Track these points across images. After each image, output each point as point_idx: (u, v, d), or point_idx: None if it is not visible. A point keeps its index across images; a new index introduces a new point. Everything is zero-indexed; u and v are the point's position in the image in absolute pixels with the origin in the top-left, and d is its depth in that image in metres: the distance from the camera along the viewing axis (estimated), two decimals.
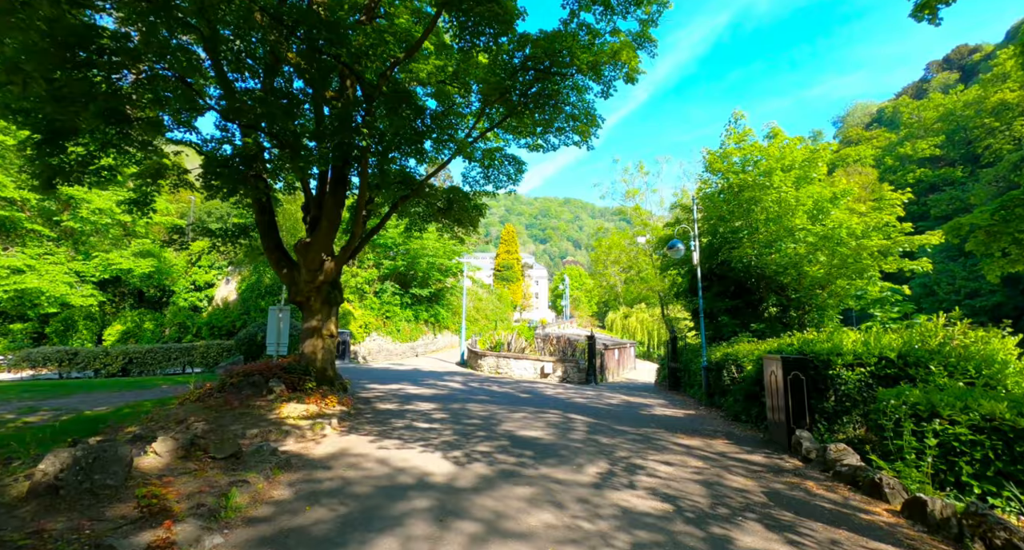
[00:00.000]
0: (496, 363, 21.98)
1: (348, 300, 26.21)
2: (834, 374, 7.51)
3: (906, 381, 6.87)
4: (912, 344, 7.16)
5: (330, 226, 9.64)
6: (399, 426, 7.87)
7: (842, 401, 7.42)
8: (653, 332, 53.92)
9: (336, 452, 6.12)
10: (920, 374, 6.76)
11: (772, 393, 7.42)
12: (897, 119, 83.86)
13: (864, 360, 7.35)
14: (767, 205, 15.42)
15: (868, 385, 7.25)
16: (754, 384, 9.43)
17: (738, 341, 12.88)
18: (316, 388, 9.33)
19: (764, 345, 9.69)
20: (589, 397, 13.58)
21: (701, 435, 8.00)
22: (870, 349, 7.43)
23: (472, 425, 8.14)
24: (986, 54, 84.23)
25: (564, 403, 11.79)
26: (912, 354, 6.94)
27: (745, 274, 16.12)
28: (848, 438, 7.29)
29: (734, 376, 10.64)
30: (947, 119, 65.16)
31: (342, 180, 9.62)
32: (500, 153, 14.37)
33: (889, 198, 15.14)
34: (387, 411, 9.39)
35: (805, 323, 15.99)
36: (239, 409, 7.64)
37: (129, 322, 23.30)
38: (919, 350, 6.95)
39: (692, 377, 16.00)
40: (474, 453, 6.21)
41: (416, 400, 11.22)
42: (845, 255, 14.31)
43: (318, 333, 9.98)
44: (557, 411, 10.15)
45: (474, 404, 10.85)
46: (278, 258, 9.97)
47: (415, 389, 13.70)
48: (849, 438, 7.30)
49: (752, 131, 17.42)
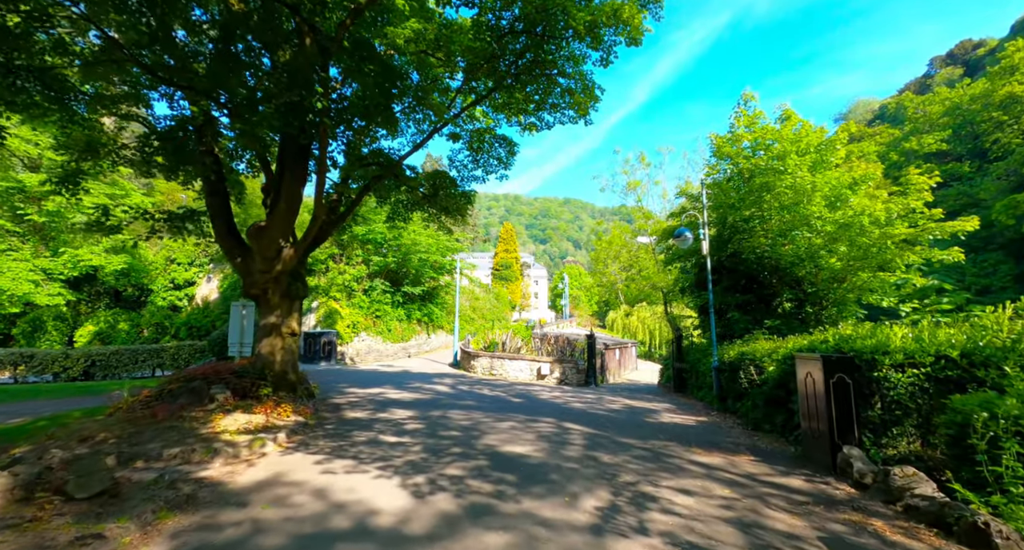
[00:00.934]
0: (490, 364, 20.70)
1: (335, 298, 24.95)
2: (880, 376, 6.24)
3: (973, 385, 5.61)
4: (977, 340, 5.90)
5: (288, 208, 8.36)
6: (360, 440, 6.59)
7: (891, 409, 6.15)
8: (655, 331, 52.60)
9: (267, 479, 4.84)
10: (991, 376, 5.47)
11: (808, 399, 6.15)
12: (900, 115, 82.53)
13: (918, 360, 6.08)
14: (781, 191, 14.16)
15: (923, 390, 5.98)
16: (777, 387, 8.16)
17: (753, 339, 11.61)
18: (272, 395, 8.06)
19: (790, 343, 8.41)
20: (588, 401, 12.30)
21: (721, 450, 6.72)
22: (924, 346, 6.16)
23: (448, 438, 6.87)
24: (991, 49, 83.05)
25: (560, 409, 10.52)
26: (979, 352, 5.66)
27: (757, 267, 14.85)
28: (901, 454, 6.03)
29: (752, 378, 9.36)
30: (953, 113, 63.81)
31: (302, 154, 8.33)
32: (490, 135, 13.12)
33: (915, 182, 13.85)
34: (354, 421, 8.11)
35: (822, 320, 14.75)
36: (167, 422, 6.37)
37: (102, 322, 22.04)
38: (988, 347, 5.67)
39: (700, 378, 14.73)
40: (441, 478, 4.94)
41: (393, 406, 9.95)
42: (867, 245, 13.02)
43: (277, 331, 8.70)
44: (551, 419, 8.88)
45: (457, 411, 9.57)
46: (231, 245, 8.70)
47: (396, 393, 12.44)
48: (902, 454, 6.04)
49: (763, 114, 16.15)
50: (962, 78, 79.52)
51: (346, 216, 10.30)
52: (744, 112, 16.16)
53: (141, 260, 23.79)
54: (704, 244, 12.62)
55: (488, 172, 13.74)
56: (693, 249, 16.09)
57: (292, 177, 8.31)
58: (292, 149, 8.40)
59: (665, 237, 18.79)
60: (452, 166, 13.67)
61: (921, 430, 6.04)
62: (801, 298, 14.70)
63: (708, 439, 7.50)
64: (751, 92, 16.90)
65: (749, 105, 16.65)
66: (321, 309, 24.57)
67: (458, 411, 9.59)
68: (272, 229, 8.31)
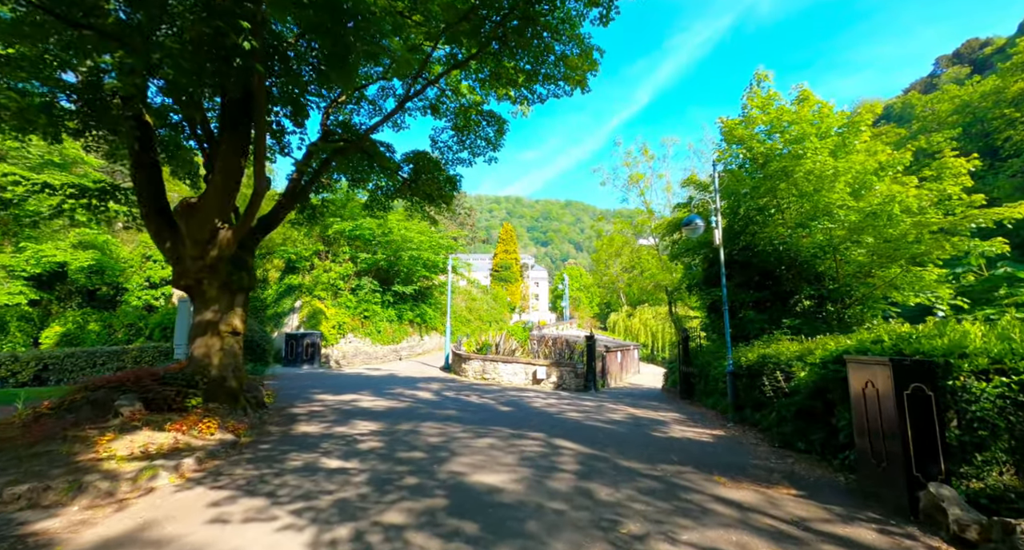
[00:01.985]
0: (482, 367, 19.28)
1: (320, 297, 23.55)
2: (955, 386, 4.84)
3: None
4: None
5: (226, 182, 6.98)
6: (293, 467, 5.19)
7: (972, 428, 4.74)
8: (657, 333, 51.12)
9: (126, 533, 3.44)
10: None
11: (867, 415, 4.73)
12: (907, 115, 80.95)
13: (1009, 365, 4.69)
14: (799, 177, 12.77)
15: (1019, 404, 4.59)
16: (813, 397, 6.73)
17: (773, 340, 10.18)
18: (202, 406, 6.67)
19: (828, 344, 6.98)
20: (587, 410, 10.88)
21: (750, 478, 5.30)
22: (1017, 348, 4.77)
23: (407, 463, 5.46)
24: (998, 47, 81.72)
25: (553, 419, 9.10)
26: None
27: (775, 261, 13.45)
28: (990, 489, 4.62)
29: (779, 386, 7.93)
30: (963, 111, 62.31)
31: (243, 113, 6.95)
32: (476, 112, 11.75)
33: (951, 165, 12.41)
34: (300, 438, 6.71)
35: (845, 319, 13.35)
36: (42, 444, 4.97)
37: (70, 323, 20.69)
38: None
39: (710, 384, 13.29)
40: (372, 531, 3.53)
41: (360, 417, 8.54)
42: (898, 236, 11.60)
43: (214, 329, 7.31)
44: (540, 434, 7.46)
45: (432, 423, 8.17)
46: (159, 227, 7.32)
47: (371, 401, 11.03)
48: (991, 488, 4.63)
49: (779, 95, 14.74)
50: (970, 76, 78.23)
51: (302, 195, 8.91)
52: (757, 93, 14.76)
53: (113, 257, 22.46)
54: (717, 233, 11.20)
55: (475, 154, 12.38)
56: (703, 241, 14.69)
57: (230, 144, 6.93)
58: (231, 111, 7.02)
59: (671, 230, 17.40)
60: (435, 147, 12.31)
61: (1016, 456, 4.63)
62: (822, 295, 13.30)
63: (731, 462, 6.07)
64: (764, 72, 15.52)
65: (762, 86, 15.26)
66: (305, 309, 23.19)
67: (433, 423, 8.18)
68: (205, 207, 6.93)
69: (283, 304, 23.36)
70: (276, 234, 22.27)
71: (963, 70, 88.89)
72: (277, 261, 24.01)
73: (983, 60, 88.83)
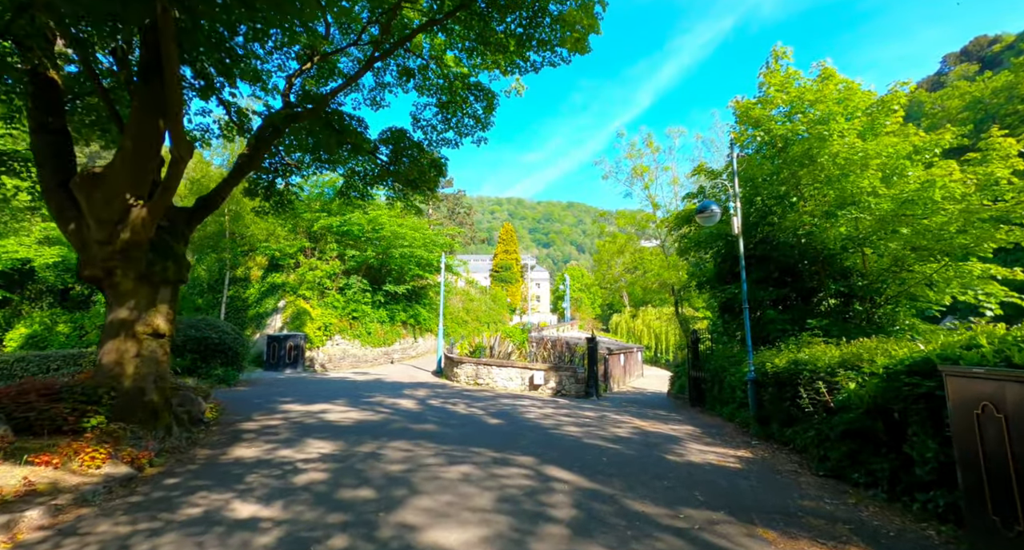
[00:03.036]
0: (475, 372, 17.90)
1: (305, 297, 22.20)
2: None
3: None
4: None
5: (138, 145, 5.62)
6: (184, 519, 3.81)
7: None
8: (660, 335, 49.72)
9: None
10: None
11: (982, 450, 3.35)
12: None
13: None
14: (825, 161, 11.42)
15: None
16: (871, 417, 5.34)
17: (803, 343, 8.78)
18: (103, 426, 5.31)
19: (900, 349, 5.59)
20: (587, 422, 9.50)
21: (807, 531, 3.91)
22: None
23: (344, 509, 4.09)
24: (1007, 44, 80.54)
25: (548, 436, 7.72)
26: None
27: (797, 254, 12.08)
28: None
29: (820, 400, 6.53)
30: (974, 107, 60.85)
31: (155, 61, 5.60)
32: (462, 85, 10.40)
33: (998, 146, 11.01)
34: (227, 466, 5.34)
35: (874, 319, 11.98)
36: None
37: (37, 324, 19.41)
38: None
39: (725, 392, 11.90)
40: None
41: (316, 435, 7.18)
42: (938, 227, 10.23)
43: (128, 331, 5.95)
44: (530, 458, 6.08)
45: (401, 443, 6.80)
46: (62, 204, 5.97)
47: (340, 413, 9.67)
48: None
49: (799, 73, 13.35)
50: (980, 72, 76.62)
51: (248, 167, 7.55)
52: (776, 71, 13.36)
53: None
54: (736, 220, 9.83)
55: (462, 134, 11.03)
56: (716, 234, 13.32)
57: (142, 100, 5.58)
58: (144, 61, 5.67)
59: (680, 224, 15.98)
60: (417, 126, 10.96)
61: None
62: (849, 292, 11.93)
63: (774, 503, 4.67)
64: (783, 48, 14.11)
65: (781, 63, 13.87)
66: (289, 309, 21.84)
67: (403, 443, 6.81)
68: (112, 178, 5.58)
69: (266, 304, 22.03)
70: (259, 230, 20.98)
71: (971, 67, 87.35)
72: (260, 258, 22.70)
73: (992, 57, 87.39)
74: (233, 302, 21.71)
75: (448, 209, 63.11)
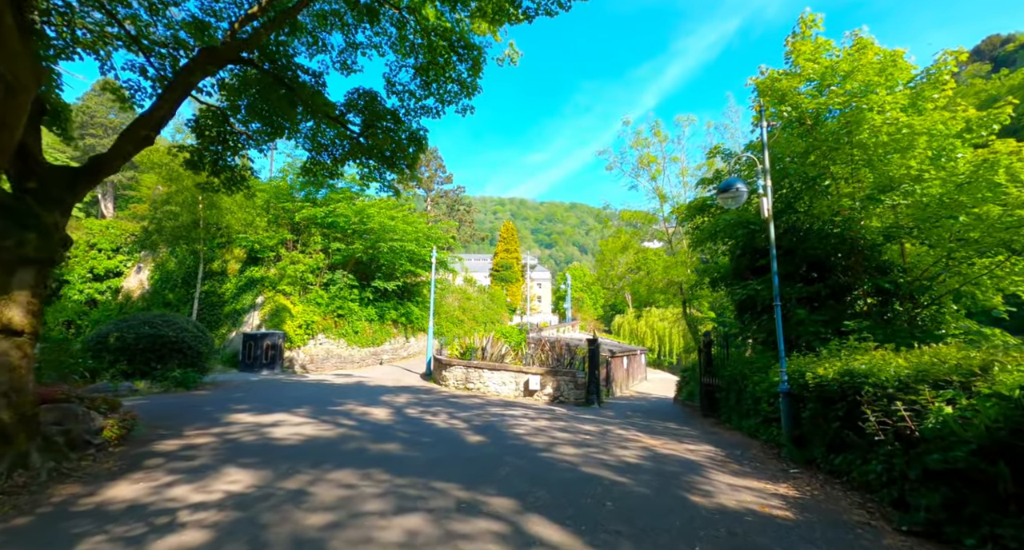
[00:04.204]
0: (465, 375, 16.37)
1: (285, 293, 20.67)
2: None
3: None
4: None
5: None
6: None
7: None
8: (664, 336, 48.10)
9: None
10: None
11: None
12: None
13: None
14: (864, 138, 9.90)
15: None
16: (987, 457, 3.78)
17: (853, 348, 7.17)
18: None
19: (983, 358, 4.02)
20: (587, 440, 7.92)
21: None
22: None
23: None
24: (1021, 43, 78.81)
25: (535, 463, 6.15)
26: None
27: (831, 247, 10.55)
28: None
29: (893, 426, 4.94)
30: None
31: None
32: (443, 41, 8.84)
33: None
34: (74, 519, 3.82)
35: (916, 322, 10.43)
36: None
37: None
38: None
39: (746, 403, 10.30)
40: None
41: (239, 460, 5.65)
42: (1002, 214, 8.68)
43: None
44: (507, 501, 4.53)
45: (345, 473, 5.26)
46: None
47: (295, 426, 8.14)
48: None
49: (831, 43, 11.76)
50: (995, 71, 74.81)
51: (156, 114, 5.97)
52: (808, 37, 11.77)
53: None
54: (765, 202, 8.21)
55: (445, 101, 9.50)
56: (735, 221, 11.78)
57: None
58: None
59: (691, 214, 14.43)
60: (391, 91, 9.41)
61: None
62: (888, 290, 10.37)
63: None
64: (812, 15, 12.52)
65: (811, 31, 12.27)
66: (267, 305, 20.30)
67: (347, 474, 5.27)
68: None
69: (243, 300, 20.51)
70: (236, 221, 19.46)
71: (984, 67, 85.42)
72: (237, 251, 21.18)
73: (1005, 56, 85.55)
74: (208, 298, 20.20)
75: (447, 206, 61.66)
